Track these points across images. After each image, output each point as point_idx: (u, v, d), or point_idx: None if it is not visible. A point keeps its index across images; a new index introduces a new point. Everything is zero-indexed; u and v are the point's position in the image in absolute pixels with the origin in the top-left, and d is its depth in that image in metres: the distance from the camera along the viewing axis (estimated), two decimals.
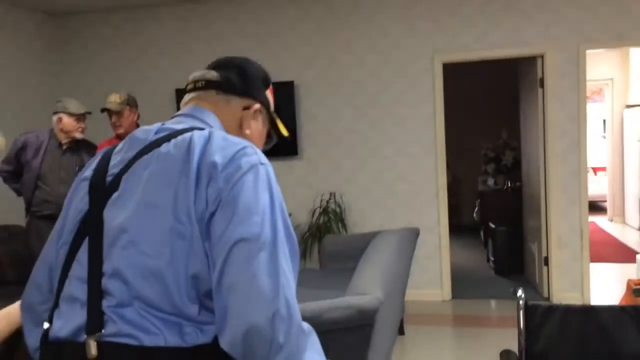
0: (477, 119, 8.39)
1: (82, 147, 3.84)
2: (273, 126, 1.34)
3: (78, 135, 3.77)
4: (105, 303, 0.99)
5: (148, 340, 0.96)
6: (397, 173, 5.16)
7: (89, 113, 3.83)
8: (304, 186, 5.33)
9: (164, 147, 1.07)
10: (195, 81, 1.26)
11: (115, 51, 5.63)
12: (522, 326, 2.06)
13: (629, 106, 7.97)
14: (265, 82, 1.31)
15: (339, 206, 5.18)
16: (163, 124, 1.17)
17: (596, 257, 6.22)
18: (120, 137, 3.68)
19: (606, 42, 4.77)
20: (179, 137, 1.08)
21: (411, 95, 5.11)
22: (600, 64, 8.28)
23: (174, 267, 0.98)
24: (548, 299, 4.92)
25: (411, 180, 5.12)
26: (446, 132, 5.91)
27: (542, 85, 4.87)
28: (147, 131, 1.15)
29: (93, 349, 0.96)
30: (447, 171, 5.51)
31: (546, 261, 4.96)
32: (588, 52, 5.15)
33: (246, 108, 1.25)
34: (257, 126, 1.27)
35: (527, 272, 5.62)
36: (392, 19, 5.08)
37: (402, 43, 5.08)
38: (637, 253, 6.23)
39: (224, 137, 1.08)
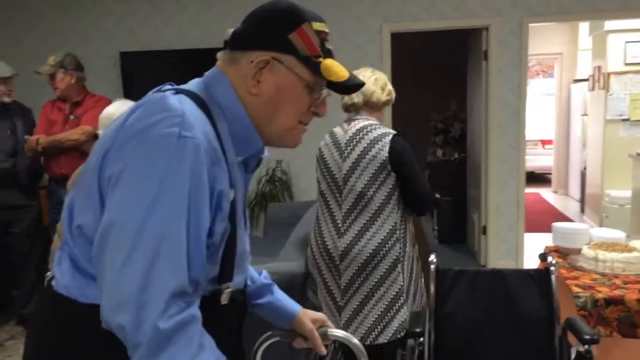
0: (428, 90, 8.46)
1: (13, 111, 3.72)
2: (316, 72, 1.07)
3: (6, 99, 3.65)
4: None
5: None
6: None
7: (17, 74, 3.71)
8: None
9: None
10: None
11: (58, 11, 5.43)
12: (432, 289, 2.14)
13: (576, 80, 8.17)
14: (288, 22, 1.06)
15: (286, 174, 5.20)
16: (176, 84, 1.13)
17: (536, 227, 6.44)
18: (61, 99, 3.60)
19: (549, 16, 4.85)
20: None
21: (359, 64, 5.08)
22: (550, 39, 8.42)
23: None
24: (484, 266, 5.10)
25: None
26: (395, 103, 5.95)
27: (486, 57, 4.94)
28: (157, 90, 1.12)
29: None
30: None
31: (484, 230, 5.12)
32: (535, 25, 5.25)
33: (253, 62, 1.07)
34: (272, 81, 1.06)
35: (468, 241, 5.80)
36: None
37: (350, 11, 5.06)
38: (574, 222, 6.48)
39: (153, 104, 0.98)
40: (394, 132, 2.37)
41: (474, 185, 5.47)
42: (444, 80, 8.31)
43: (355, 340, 1.35)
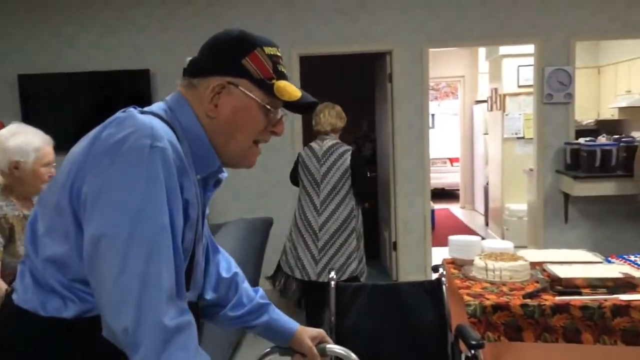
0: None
1: None
2: (269, 93, 1.12)
3: None
4: None
5: None
6: (258, 163, 5.20)
7: None
8: None
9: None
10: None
11: None
12: (332, 305, 2.20)
13: (477, 102, 8.68)
14: (241, 48, 1.11)
15: None
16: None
17: (445, 241, 6.71)
18: None
19: (447, 42, 5.16)
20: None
21: None
22: (454, 63, 8.91)
23: None
24: (396, 281, 5.26)
25: (272, 170, 5.21)
26: (308, 124, 6.07)
27: (390, 80, 5.17)
28: None
29: None
30: None
31: (395, 246, 5.29)
32: (436, 50, 5.56)
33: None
34: (228, 104, 1.11)
35: (381, 256, 5.96)
36: (249, 10, 5.12)
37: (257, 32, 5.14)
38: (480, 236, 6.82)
39: (123, 120, 1.03)
40: (352, 148, 3.67)
41: (384, 203, 5.66)
42: (355, 102, 8.56)
43: (354, 356, 1.36)
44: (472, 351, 1.91)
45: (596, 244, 4.94)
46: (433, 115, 12.62)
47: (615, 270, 2.51)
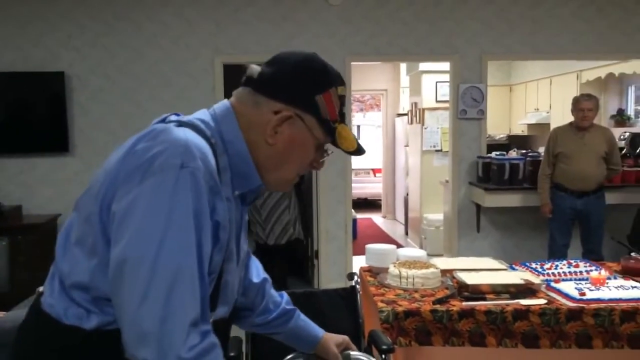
0: None
1: None
2: (330, 137, 1.11)
3: None
4: None
5: None
6: None
7: None
8: (76, 184, 5.02)
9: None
10: (244, 75, 1.13)
11: None
12: None
13: (398, 115, 8.97)
14: (320, 84, 1.09)
15: None
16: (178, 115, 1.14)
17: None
18: None
19: (368, 57, 5.32)
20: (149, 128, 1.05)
21: (193, 94, 5.12)
22: (378, 76, 9.17)
23: None
24: (314, 289, 5.32)
25: None
26: None
27: None
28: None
29: None
30: None
31: (317, 254, 5.35)
32: (360, 64, 5.70)
33: (277, 113, 1.08)
34: (288, 135, 1.08)
35: (303, 265, 6.00)
36: (173, 15, 5.04)
37: (183, 40, 5.07)
38: (400, 245, 7.03)
39: (157, 135, 1.00)
40: None
41: (307, 212, 5.71)
42: None
43: None
44: (383, 356, 1.98)
45: (505, 251, 5.22)
46: (358, 126, 12.88)
47: (517, 276, 2.67)
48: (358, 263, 6.01)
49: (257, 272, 1.40)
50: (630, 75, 6.29)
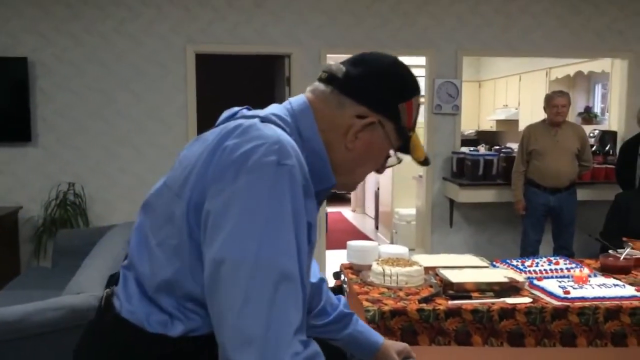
0: None
1: None
2: (404, 145, 1.11)
3: None
4: None
5: None
6: (147, 164, 4.97)
7: None
8: (39, 175, 4.80)
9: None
10: (323, 71, 1.10)
11: None
12: None
13: None
14: (404, 92, 1.08)
15: (80, 198, 4.79)
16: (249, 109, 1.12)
17: (337, 244, 6.82)
18: None
19: (344, 48, 5.24)
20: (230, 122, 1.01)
21: (163, 84, 4.96)
22: None
23: None
24: None
25: (162, 171, 4.96)
26: (204, 125, 5.90)
27: (288, 83, 5.15)
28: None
29: None
30: None
31: None
32: (336, 56, 5.60)
33: (360, 117, 1.05)
34: (367, 140, 1.07)
35: None
36: (142, 1, 4.86)
37: (153, 29, 4.90)
38: (371, 239, 7.02)
39: (247, 130, 0.96)
40: None
41: None
42: (255, 104, 8.47)
43: None
44: None
45: (478, 246, 5.25)
46: None
47: (500, 274, 2.65)
48: (330, 258, 5.97)
49: (314, 271, 1.36)
50: (598, 74, 6.40)
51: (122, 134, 4.93)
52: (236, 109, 1.10)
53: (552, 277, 2.69)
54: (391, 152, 1.13)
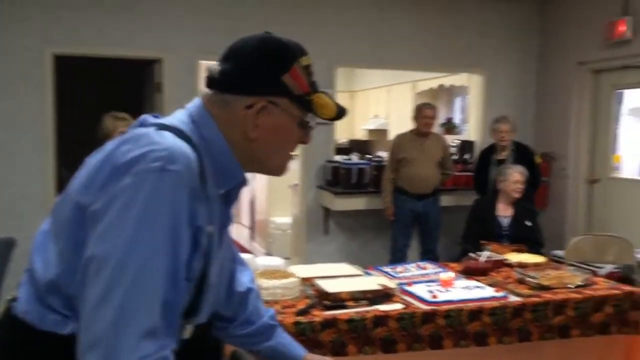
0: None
1: None
2: (309, 110, 1.09)
3: None
4: None
5: None
6: None
7: None
8: None
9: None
10: (206, 77, 1.09)
11: None
12: None
13: None
14: (282, 63, 1.05)
15: None
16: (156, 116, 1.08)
17: None
18: None
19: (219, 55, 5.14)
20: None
21: (17, 87, 4.53)
22: None
23: None
24: None
25: (12, 183, 4.53)
26: (65, 132, 5.47)
27: (159, 89, 4.94)
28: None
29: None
30: (64, 173, 5.09)
31: None
32: (204, 62, 5.47)
33: (249, 107, 1.05)
34: (269, 124, 1.06)
35: None
36: None
37: (10, 29, 4.46)
38: (247, 250, 6.96)
39: (139, 138, 0.97)
40: None
41: None
42: (123, 109, 8.02)
43: None
44: None
45: (351, 253, 5.39)
46: None
47: (374, 282, 2.72)
48: None
49: (244, 280, 1.37)
50: (458, 87, 6.90)
51: None
52: (143, 117, 1.09)
53: (421, 282, 2.82)
54: (308, 119, 1.12)
